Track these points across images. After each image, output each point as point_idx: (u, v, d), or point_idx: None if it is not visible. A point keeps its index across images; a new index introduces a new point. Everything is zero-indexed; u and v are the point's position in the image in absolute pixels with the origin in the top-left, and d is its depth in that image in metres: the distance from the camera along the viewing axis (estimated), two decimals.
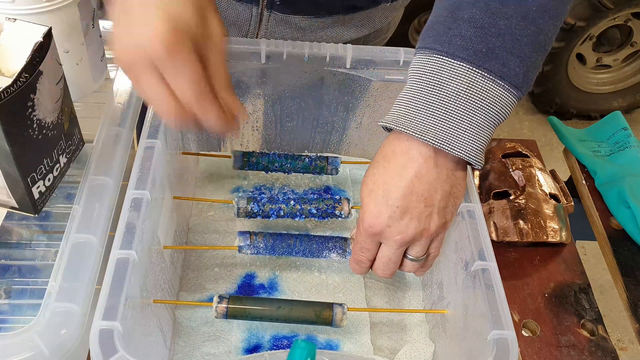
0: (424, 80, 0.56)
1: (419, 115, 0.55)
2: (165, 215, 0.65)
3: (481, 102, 0.54)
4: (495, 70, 0.54)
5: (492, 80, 0.54)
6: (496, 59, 0.54)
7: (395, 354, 0.67)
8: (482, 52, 0.54)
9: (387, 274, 0.62)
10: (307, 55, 0.75)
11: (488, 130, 0.56)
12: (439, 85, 0.55)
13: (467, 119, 0.54)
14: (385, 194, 0.57)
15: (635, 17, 2.15)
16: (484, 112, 0.55)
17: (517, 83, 0.55)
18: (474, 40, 0.54)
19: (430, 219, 0.58)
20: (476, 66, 0.54)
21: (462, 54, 0.54)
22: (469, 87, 0.54)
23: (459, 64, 0.54)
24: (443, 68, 0.55)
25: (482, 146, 0.56)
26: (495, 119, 0.56)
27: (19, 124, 0.52)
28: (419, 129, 0.55)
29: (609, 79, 2.34)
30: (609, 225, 0.88)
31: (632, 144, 0.96)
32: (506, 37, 0.54)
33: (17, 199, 0.57)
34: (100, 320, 0.49)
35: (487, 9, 0.54)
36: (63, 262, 0.53)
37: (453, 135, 0.55)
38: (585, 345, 0.73)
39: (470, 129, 0.55)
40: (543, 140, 2.22)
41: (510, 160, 0.90)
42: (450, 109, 0.54)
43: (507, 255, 0.83)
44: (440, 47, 0.55)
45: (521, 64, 0.54)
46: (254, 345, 0.67)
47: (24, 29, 0.55)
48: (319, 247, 0.68)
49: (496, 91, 0.54)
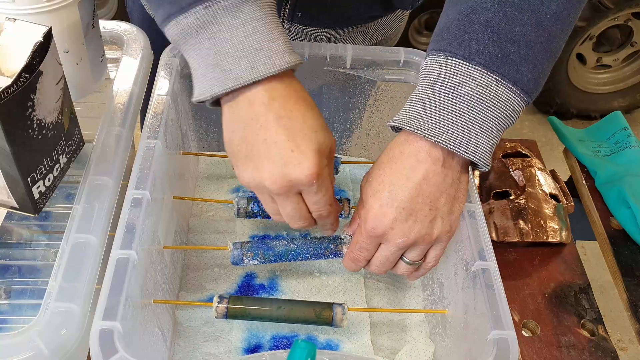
0: (439, 82, 0.56)
1: (432, 116, 0.55)
2: (165, 215, 0.65)
3: (494, 106, 0.55)
4: (509, 76, 0.54)
5: (505, 86, 0.55)
6: (511, 64, 0.54)
7: (396, 354, 0.67)
8: (498, 57, 0.54)
9: (381, 271, 0.62)
10: (307, 55, 0.75)
11: (497, 133, 0.56)
12: (454, 88, 0.55)
13: (479, 122, 0.55)
14: (391, 194, 0.57)
15: (636, 17, 2.15)
16: (495, 115, 0.55)
17: (528, 89, 0.55)
18: (490, 45, 0.54)
19: (434, 223, 0.58)
20: (491, 70, 0.54)
21: (478, 58, 0.54)
22: (484, 90, 0.54)
23: (475, 68, 0.54)
24: (458, 71, 0.55)
25: (491, 149, 0.57)
26: (505, 122, 0.56)
27: (19, 124, 0.52)
28: (432, 131, 0.55)
29: (609, 79, 2.34)
30: (609, 225, 0.88)
31: (632, 144, 0.96)
32: (521, 44, 0.54)
33: (17, 199, 0.57)
34: (100, 321, 0.49)
35: (504, 15, 0.55)
36: (63, 262, 0.53)
37: (466, 137, 0.55)
38: (586, 345, 0.73)
39: (482, 132, 0.55)
40: (543, 140, 2.22)
41: (510, 160, 0.90)
42: (464, 111, 0.55)
43: (507, 255, 0.83)
44: (455, 50, 0.55)
45: (533, 70, 0.55)
46: (254, 345, 0.66)
47: (24, 29, 0.55)
48: (314, 254, 0.67)
49: (508, 96, 0.55)
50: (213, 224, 0.79)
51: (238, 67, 0.52)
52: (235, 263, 0.65)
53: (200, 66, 0.54)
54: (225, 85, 0.53)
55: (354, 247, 0.62)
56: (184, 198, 0.74)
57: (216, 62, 0.53)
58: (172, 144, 0.69)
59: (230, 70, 0.52)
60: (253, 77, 0.52)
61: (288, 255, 0.66)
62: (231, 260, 0.65)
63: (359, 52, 0.76)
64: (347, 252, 0.63)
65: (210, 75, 0.54)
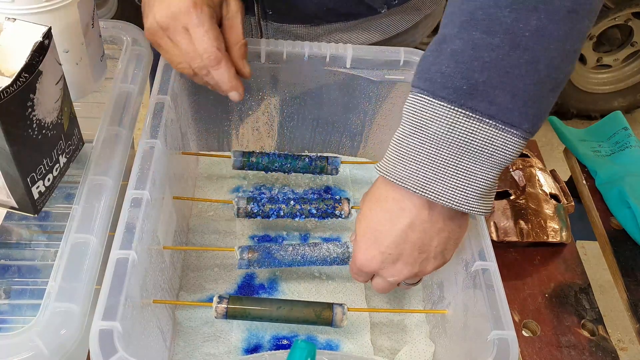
0: (409, 123, 0.51)
1: (405, 162, 0.51)
2: (165, 215, 0.65)
3: (467, 145, 0.49)
4: (480, 109, 0.48)
5: (479, 120, 0.49)
6: (481, 95, 0.48)
7: (396, 354, 0.67)
8: (463, 89, 0.48)
9: (384, 293, 0.63)
10: (307, 55, 0.75)
11: (483, 175, 0.50)
12: (422, 128, 0.50)
13: (452, 164, 0.50)
14: (376, 239, 0.56)
15: (636, 17, 2.14)
16: (472, 155, 0.50)
17: (512, 121, 0.48)
18: (454, 77, 0.48)
19: (426, 263, 0.57)
20: (458, 105, 0.49)
21: (442, 93, 0.49)
22: (451, 128, 0.49)
23: (439, 104, 0.49)
24: (425, 108, 0.50)
25: (479, 194, 0.51)
26: (489, 162, 0.50)
27: (19, 124, 0.51)
28: (407, 179, 0.51)
29: (609, 78, 2.34)
30: (610, 225, 0.88)
31: (633, 144, 0.95)
32: (492, 72, 0.48)
33: (16, 199, 0.57)
34: (100, 321, 0.49)
35: (470, 40, 0.48)
36: (63, 262, 0.53)
37: (441, 183, 0.50)
38: (586, 345, 0.73)
39: (459, 176, 0.50)
40: (543, 140, 2.21)
41: None
42: (434, 153, 0.50)
43: (507, 255, 0.83)
44: (422, 85, 0.51)
45: (514, 99, 0.48)
46: (254, 345, 0.66)
47: (24, 29, 0.55)
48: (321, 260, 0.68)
49: (486, 131, 0.49)
50: (213, 224, 0.79)
51: None
52: (241, 268, 0.67)
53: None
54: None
55: (351, 271, 0.62)
56: (184, 198, 0.74)
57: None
58: (172, 144, 0.69)
59: None
60: None
61: (295, 263, 0.67)
62: (238, 267, 0.66)
63: (359, 52, 0.76)
64: (350, 268, 0.64)
65: None
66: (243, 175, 0.85)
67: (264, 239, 0.77)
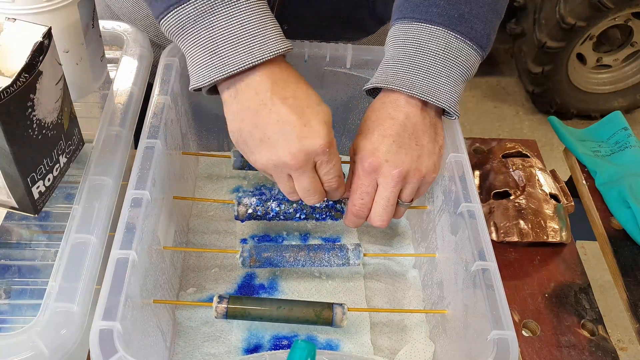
0: (407, 45, 0.64)
1: (405, 73, 0.63)
2: (165, 215, 0.65)
3: (456, 59, 0.63)
4: (465, 33, 0.63)
5: (464, 42, 0.63)
6: (466, 23, 0.63)
7: (396, 354, 0.67)
8: (455, 17, 0.63)
9: (384, 220, 0.65)
10: (307, 55, 0.75)
11: (461, 84, 0.65)
12: (421, 47, 0.63)
13: (445, 74, 0.63)
14: (380, 133, 0.63)
15: (636, 17, 2.15)
16: (458, 68, 0.64)
17: (482, 43, 0.65)
18: (447, 8, 0.63)
19: (421, 159, 0.63)
20: (451, 29, 0.63)
21: (439, 20, 0.63)
22: (446, 47, 0.63)
23: (437, 28, 0.63)
24: (423, 32, 0.63)
25: (457, 98, 0.65)
26: (466, 74, 0.65)
27: (19, 124, 0.52)
28: (407, 85, 0.63)
29: (609, 78, 2.34)
30: (609, 225, 0.88)
31: (633, 144, 0.95)
32: (472, 5, 0.64)
33: (17, 199, 0.57)
34: (100, 321, 0.49)
35: None
36: (63, 262, 0.53)
37: (435, 88, 0.63)
38: (586, 345, 0.73)
39: (448, 83, 0.63)
40: (543, 140, 2.22)
41: (510, 160, 0.90)
42: (431, 66, 0.63)
43: (507, 255, 0.83)
44: (418, 16, 0.64)
45: (485, 27, 0.64)
46: (254, 345, 0.66)
47: (24, 29, 0.55)
48: (324, 262, 0.69)
49: (467, 50, 0.64)
50: (213, 224, 0.79)
51: (236, 53, 0.56)
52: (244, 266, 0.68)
53: (198, 55, 0.58)
54: (224, 71, 0.57)
55: (354, 196, 0.64)
56: (184, 198, 0.74)
57: (214, 49, 0.57)
58: (172, 144, 0.69)
59: (228, 56, 0.56)
60: (250, 62, 0.56)
61: (297, 265, 0.69)
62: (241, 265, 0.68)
63: (359, 52, 0.76)
64: (348, 208, 0.66)
65: (208, 63, 0.57)
66: (243, 175, 0.85)
67: (263, 239, 0.77)
